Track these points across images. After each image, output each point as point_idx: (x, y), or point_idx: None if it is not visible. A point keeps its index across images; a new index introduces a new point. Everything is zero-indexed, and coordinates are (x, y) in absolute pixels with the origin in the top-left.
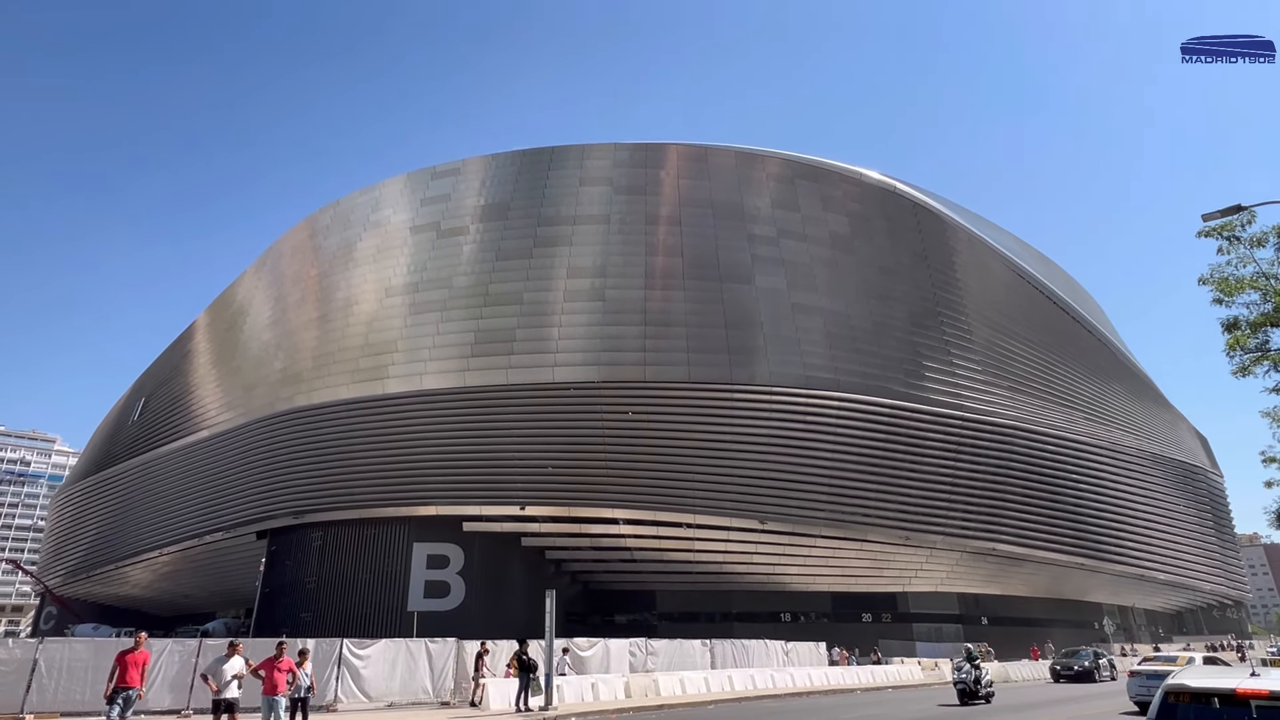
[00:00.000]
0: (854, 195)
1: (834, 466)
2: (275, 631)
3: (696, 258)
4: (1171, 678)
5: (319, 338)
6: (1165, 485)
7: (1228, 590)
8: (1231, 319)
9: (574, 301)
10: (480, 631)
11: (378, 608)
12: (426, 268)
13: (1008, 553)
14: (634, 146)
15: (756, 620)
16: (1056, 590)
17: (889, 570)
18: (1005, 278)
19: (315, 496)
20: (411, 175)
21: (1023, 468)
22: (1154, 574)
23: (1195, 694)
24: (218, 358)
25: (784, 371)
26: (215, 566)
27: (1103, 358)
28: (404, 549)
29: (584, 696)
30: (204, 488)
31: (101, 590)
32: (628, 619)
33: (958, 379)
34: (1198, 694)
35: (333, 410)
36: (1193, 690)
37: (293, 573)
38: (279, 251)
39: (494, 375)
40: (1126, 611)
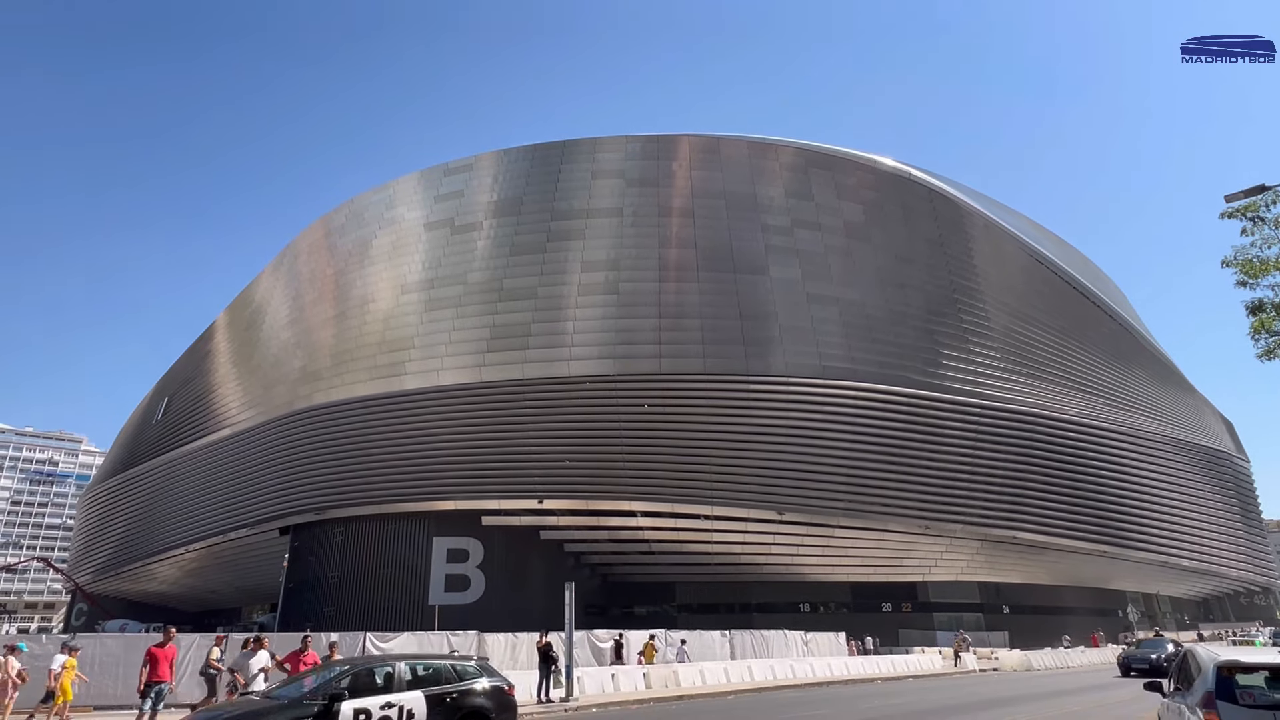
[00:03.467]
0: (868, 183)
1: (852, 456)
2: (299, 626)
3: (710, 249)
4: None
5: (336, 336)
6: (1189, 471)
7: (1255, 576)
8: (1256, 301)
9: (588, 295)
10: (500, 624)
11: (399, 602)
12: (441, 264)
13: (1029, 541)
14: (646, 139)
15: (776, 611)
16: (1079, 578)
17: (909, 560)
18: (1023, 263)
19: (336, 492)
20: (424, 172)
21: (1043, 455)
22: (1178, 560)
23: (1245, 668)
24: (237, 357)
25: (800, 362)
26: (240, 563)
27: (1124, 342)
28: (424, 543)
29: (604, 688)
30: (227, 485)
31: (130, 587)
32: (647, 611)
33: (976, 366)
34: (1247, 668)
35: (351, 407)
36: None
37: (315, 568)
38: (296, 250)
39: (510, 370)
40: (1151, 599)
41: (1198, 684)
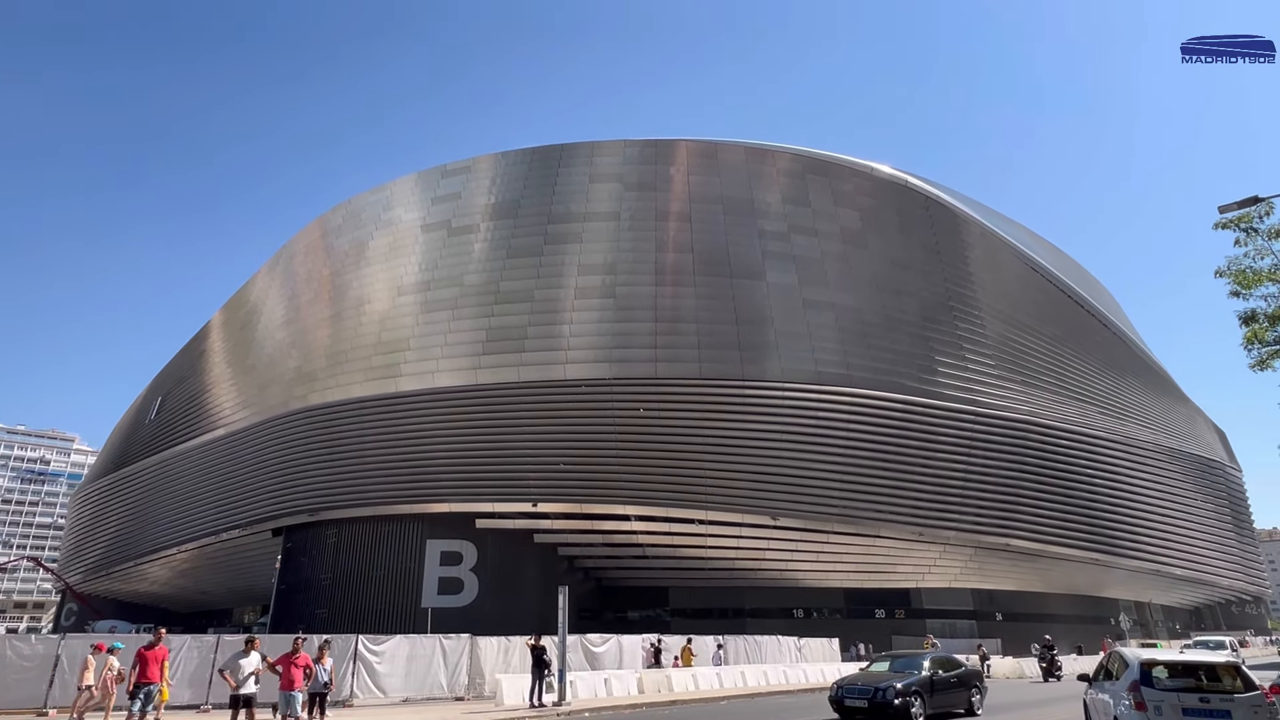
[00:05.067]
0: (865, 190)
1: (846, 462)
2: (292, 628)
3: (707, 254)
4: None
5: (332, 336)
6: (1182, 479)
7: (1246, 585)
8: (1249, 312)
9: (585, 299)
10: (493, 628)
11: (392, 604)
12: (438, 266)
13: (1022, 548)
14: (644, 143)
15: (769, 616)
16: (1072, 586)
17: (902, 566)
18: (1018, 271)
19: (329, 494)
20: (422, 174)
21: (1036, 463)
22: (1170, 569)
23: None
24: (232, 357)
25: (795, 367)
26: (232, 563)
27: (1118, 351)
28: (417, 546)
29: (597, 692)
30: (220, 486)
31: (121, 587)
32: (640, 615)
33: (970, 373)
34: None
35: (346, 408)
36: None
37: (308, 569)
38: (292, 251)
39: (505, 373)
40: (1144, 607)
41: (1125, 675)
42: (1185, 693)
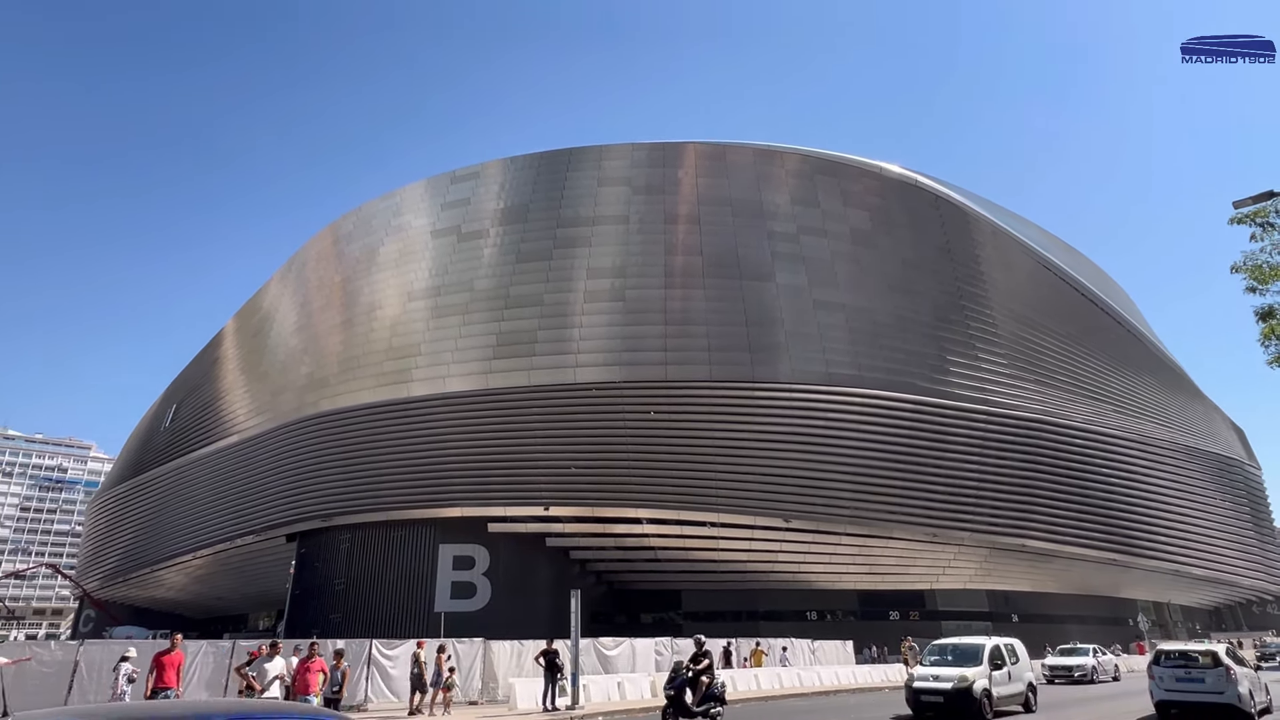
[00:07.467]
0: (874, 190)
1: (858, 463)
2: (306, 632)
3: (716, 256)
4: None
5: (344, 342)
6: (1200, 478)
7: (1268, 585)
8: (1266, 308)
9: (594, 302)
10: (506, 632)
11: (405, 609)
12: (448, 271)
13: (1037, 549)
14: (651, 146)
15: (782, 619)
16: (1089, 586)
17: (916, 567)
18: (1030, 269)
19: (343, 499)
20: (431, 180)
21: (1051, 462)
22: (1189, 569)
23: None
24: (245, 364)
25: (806, 369)
26: (247, 569)
27: (1133, 349)
28: (430, 550)
29: (610, 696)
30: (234, 492)
31: (138, 593)
32: (653, 618)
33: (983, 373)
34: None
35: (358, 414)
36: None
37: (322, 575)
38: (303, 258)
39: (516, 377)
40: (1162, 608)
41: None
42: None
